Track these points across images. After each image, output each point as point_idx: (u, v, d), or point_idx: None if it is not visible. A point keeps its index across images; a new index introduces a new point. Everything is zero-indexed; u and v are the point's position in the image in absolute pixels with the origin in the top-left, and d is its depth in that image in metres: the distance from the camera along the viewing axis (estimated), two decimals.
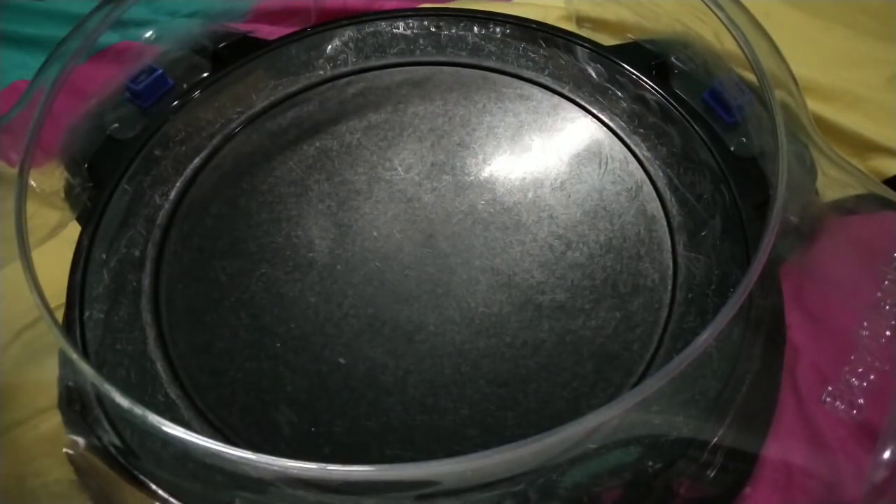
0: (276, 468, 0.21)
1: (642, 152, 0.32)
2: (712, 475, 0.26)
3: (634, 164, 0.32)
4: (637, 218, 0.31)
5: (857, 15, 0.43)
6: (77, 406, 0.26)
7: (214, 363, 0.28)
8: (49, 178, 0.32)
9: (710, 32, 0.33)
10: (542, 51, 0.36)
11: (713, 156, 0.32)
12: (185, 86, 0.35)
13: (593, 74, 0.35)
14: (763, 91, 0.29)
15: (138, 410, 0.22)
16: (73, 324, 0.28)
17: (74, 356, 0.23)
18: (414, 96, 0.35)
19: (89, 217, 0.31)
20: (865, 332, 0.27)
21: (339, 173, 0.32)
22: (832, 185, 0.30)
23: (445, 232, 0.31)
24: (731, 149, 0.33)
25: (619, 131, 0.33)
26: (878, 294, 0.28)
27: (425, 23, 0.37)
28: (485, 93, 0.34)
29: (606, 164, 0.32)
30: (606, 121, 0.33)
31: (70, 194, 0.32)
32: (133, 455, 0.25)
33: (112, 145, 0.33)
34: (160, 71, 0.35)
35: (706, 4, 0.32)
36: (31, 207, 0.27)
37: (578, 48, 0.36)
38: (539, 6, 0.42)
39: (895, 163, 0.37)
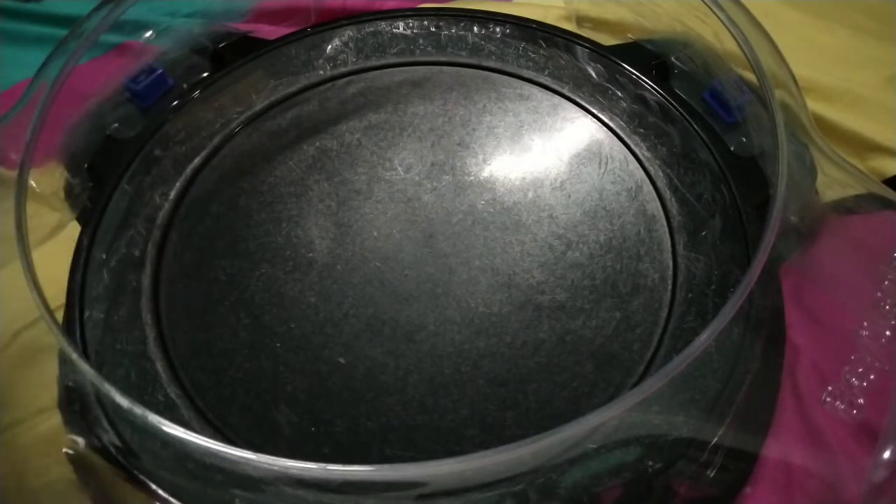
0: (276, 468, 0.21)
1: (642, 152, 0.32)
2: (712, 475, 0.26)
3: (634, 164, 0.32)
4: (637, 218, 0.31)
5: (857, 15, 0.43)
6: (77, 406, 0.26)
7: (214, 363, 0.28)
8: (49, 178, 0.32)
9: (710, 32, 0.33)
10: (542, 51, 0.36)
11: (713, 156, 0.32)
12: (185, 86, 0.35)
13: (593, 74, 0.35)
14: (763, 91, 0.29)
15: (138, 410, 0.22)
16: (73, 324, 0.28)
17: (74, 356, 0.23)
18: (414, 96, 0.35)
19: (89, 217, 0.31)
20: (865, 332, 0.27)
21: (339, 173, 0.32)
22: (832, 185, 0.30)
23: (445, 232, 0.31)
24: (731, 149, 0.33)
25: (619, 131, 0.33)
26: (878, 294, 0.28)
27: (425, 23, 0.37)
28: (485, 93, 0.34)
29: (606, 164, 0.32)
30: (606, 121, 0.33)
31: (70, 194, 0.32)
32: (133, 455, 0.25)
33: (112, 145, 0.33)
34: (160, 71, 0.35)
35: (706, 4, 0.32)
36: (31, 207, 0.27)
37: (578, 48, 0.36)
38: (539, 6, 0.42)
39: (895, 163, 0.37)
